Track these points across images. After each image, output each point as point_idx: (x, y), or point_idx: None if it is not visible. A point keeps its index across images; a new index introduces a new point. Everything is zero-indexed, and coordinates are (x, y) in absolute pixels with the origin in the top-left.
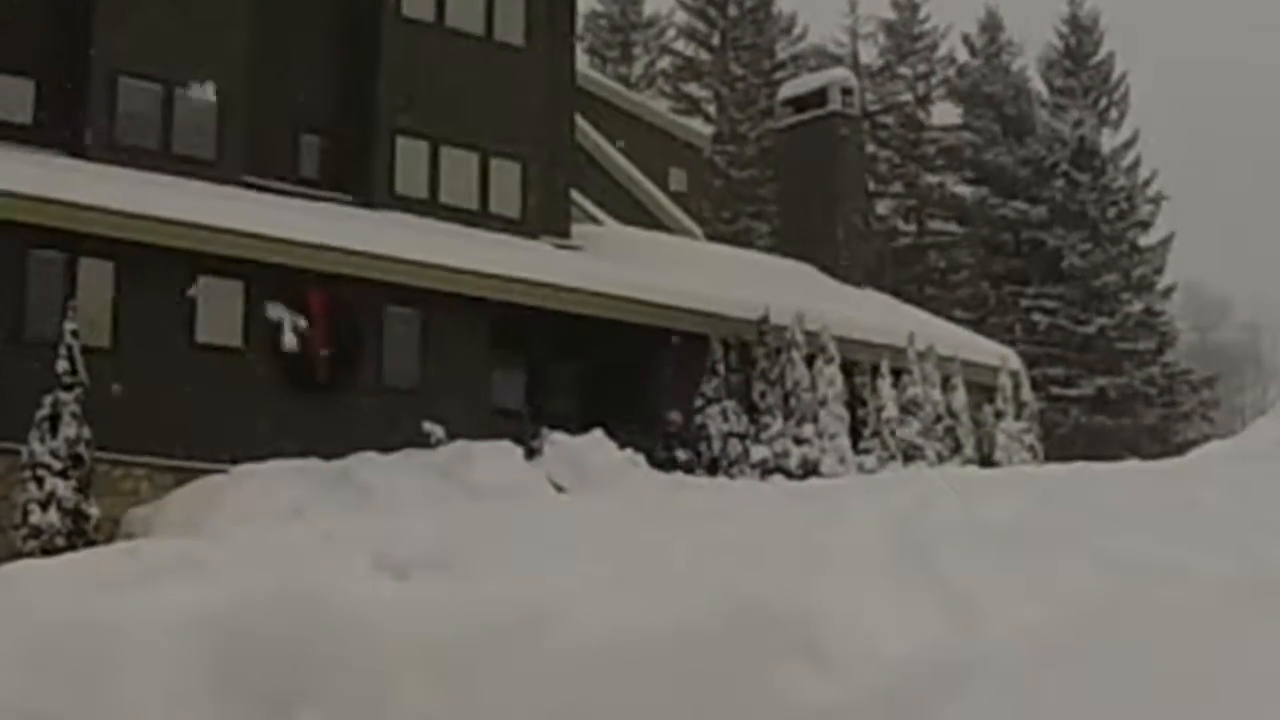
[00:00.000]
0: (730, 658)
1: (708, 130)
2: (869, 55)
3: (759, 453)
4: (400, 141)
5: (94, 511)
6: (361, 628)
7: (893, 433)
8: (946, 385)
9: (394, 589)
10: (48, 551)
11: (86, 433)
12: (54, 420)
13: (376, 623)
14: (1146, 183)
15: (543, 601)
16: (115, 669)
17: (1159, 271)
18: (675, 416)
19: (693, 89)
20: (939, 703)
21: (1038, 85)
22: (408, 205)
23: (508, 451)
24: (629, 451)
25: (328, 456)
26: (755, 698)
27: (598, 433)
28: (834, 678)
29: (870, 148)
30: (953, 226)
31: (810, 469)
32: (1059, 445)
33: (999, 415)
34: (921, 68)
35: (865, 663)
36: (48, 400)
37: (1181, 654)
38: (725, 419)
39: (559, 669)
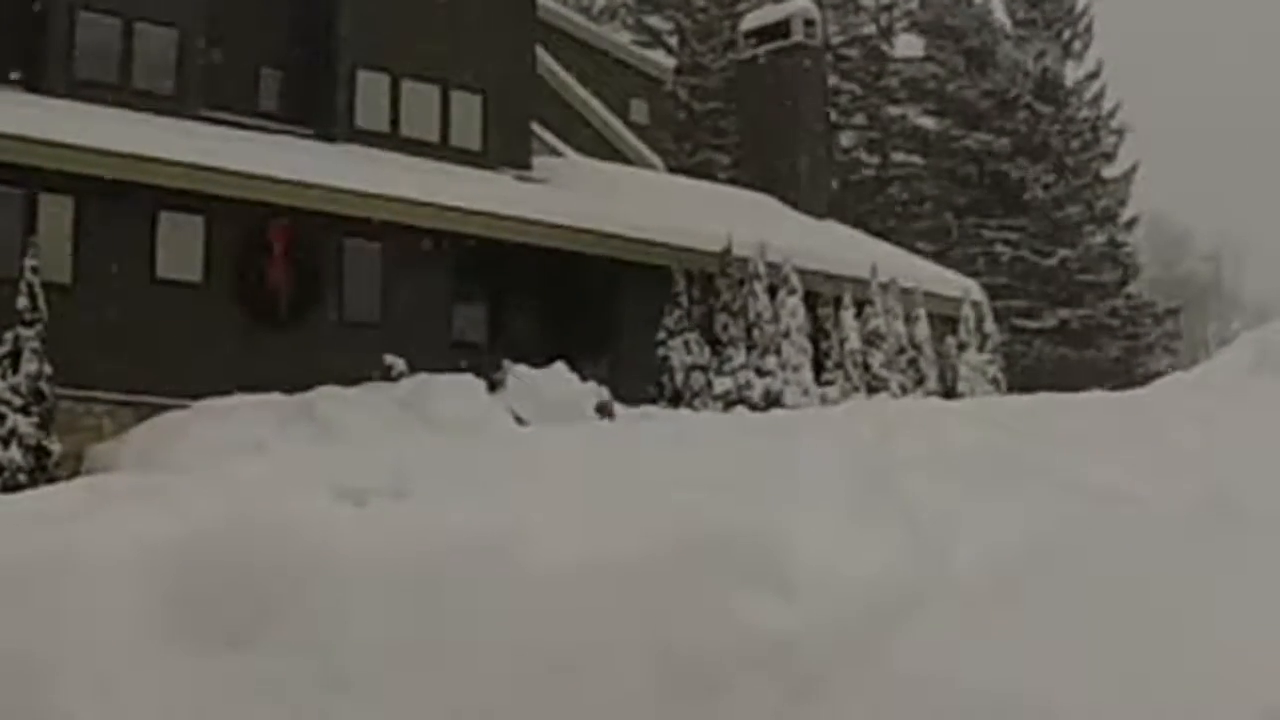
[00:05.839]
0: (692, 585)
1: (669, 62)
2: None
3: (722, 385)
4: (360, 74)
5: (56, 448)
6: (321, 555)
7: (856, 364)
8: (909, 317)
9: (354, 517)
10: (9, 488)
11: (48, 369)
12: (15, 357)
13: (336, 550)
14: (1110, 114)
15: (504, 529)
16: (70, 601)
17: (1122, 203)
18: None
19: (654, 21)
20: (901, 629)
21: (1001, 17)
22: (368, 138)
23: (469, 384)
24: (591, 384)
25: (289, 391)
26: (717, 624)
27: (560, 365)
28: (795, 605)
29: (833, 80)
30: (915, 159)
31: (773, 401)
32: (1022, 377)
33: (962, 347)
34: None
35: (827, 590)
36: (8, 337)
37: (1144, 582)
38: (688, 351)
39: (520, 597)
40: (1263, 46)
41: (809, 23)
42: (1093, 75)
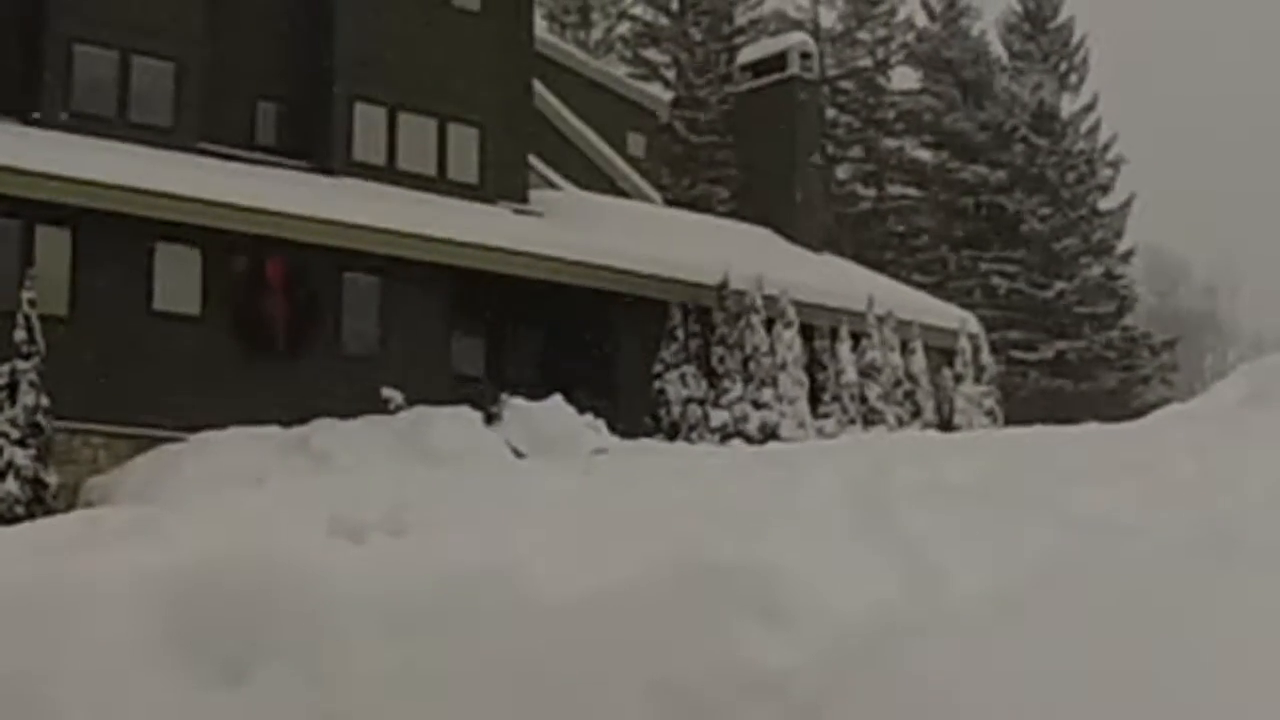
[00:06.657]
0: (691, 616)
1: (666, 95)
2: (829, 20)
3: (718, 417)
4: (358, 107)
5: (53, 480)
6: (318, 588)
7: (852, 397)
8: (906, 349)
9: (351, 549)
10: (6, 520)
11: (45, 401)
12: (12, 389)
13: (333, 583)
14: (1106, 146)
15: (501, 563)
16: (70, 630)
17: (1118, 235)
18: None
19: (651, 54)
20: (900, 659)
21: (997, 49)
22: (365, 171)
23: (467, 417)
24: (589, 417)
25: (286, 424)
26: (716, 655)
27: (557, 398)
28: (794, 635)
29: (829, 112)
30: (912, 191)
31: (770, 433)
32: (1019, 409)
33: (958, 379)
34: (881, 32)
35: (826, 620)
36: (6, 369)
37: (1140, 613)
38: (684, 384)
39: (520, 628)
40: (1262, 67)
41: (805, 56)
42: (1089, 107)
